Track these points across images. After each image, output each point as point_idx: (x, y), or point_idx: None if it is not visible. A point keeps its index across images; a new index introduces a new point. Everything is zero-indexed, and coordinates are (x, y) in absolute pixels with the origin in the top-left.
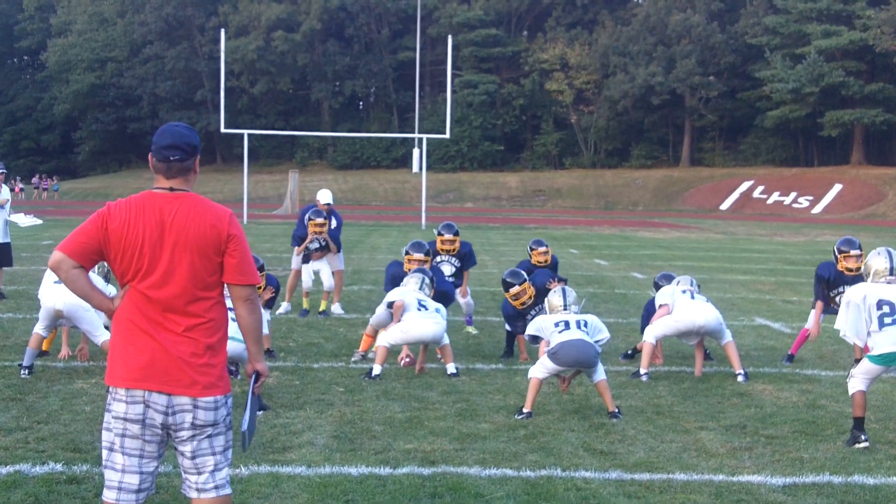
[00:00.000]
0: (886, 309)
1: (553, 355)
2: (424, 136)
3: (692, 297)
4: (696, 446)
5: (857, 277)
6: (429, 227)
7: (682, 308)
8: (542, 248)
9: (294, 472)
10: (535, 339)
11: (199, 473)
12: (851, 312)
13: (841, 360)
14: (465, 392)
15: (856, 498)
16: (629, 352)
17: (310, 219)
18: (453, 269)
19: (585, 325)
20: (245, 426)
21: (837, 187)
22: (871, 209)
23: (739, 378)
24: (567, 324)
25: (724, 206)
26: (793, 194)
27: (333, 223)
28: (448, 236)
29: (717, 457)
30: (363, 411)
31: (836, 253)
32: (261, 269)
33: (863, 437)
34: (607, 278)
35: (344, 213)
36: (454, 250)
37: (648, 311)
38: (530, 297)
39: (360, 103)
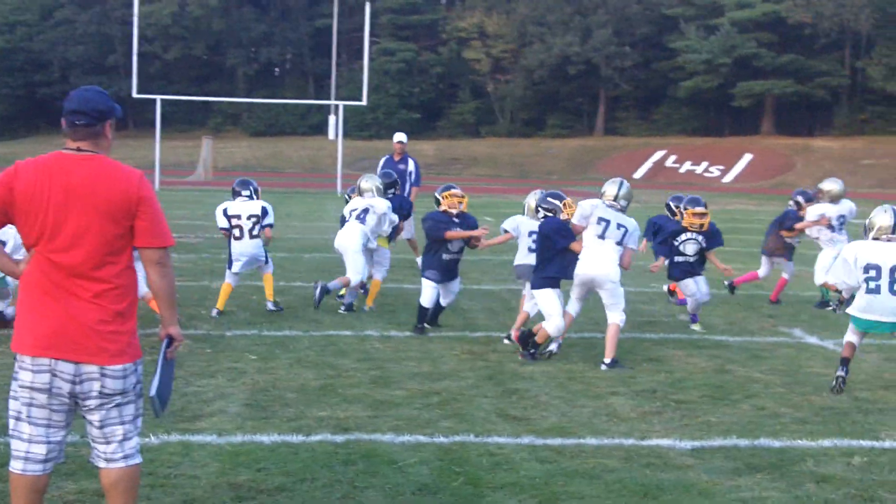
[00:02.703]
0: (873, 273)
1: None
2: (341, 103)
3: (601, 237)
4: (607, 411)
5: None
6: (344, 194)
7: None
8: (700, 209)
9: (205, 440)
10: None
11: (108, 443)
12: (840, 267)
13: (749, 326)
14: (379, 359)
15: (761, 461)
16: None
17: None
18: (696, 248)
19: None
20: (154, 391)
21: (748, 157)
22: (781, 178)
23: (603, 367)
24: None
25: (638, 175)
26: (704, 163)
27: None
28: (699, 209)
29: (628, 421)
30: (276, 379)
31: (682, 209)
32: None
33: (841, 369)
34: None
35: (259, 180)
36: (704, 226)
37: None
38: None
39: (276, 70)
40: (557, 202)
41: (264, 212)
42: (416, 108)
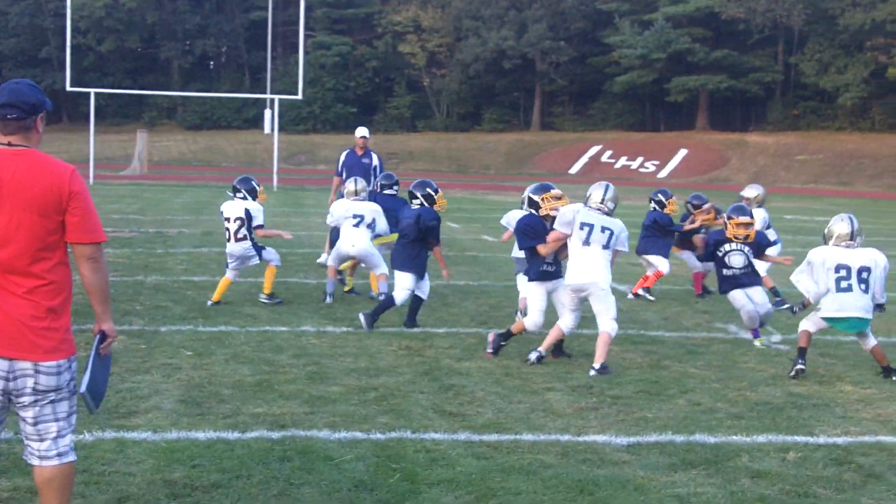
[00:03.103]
0: (843, 273)
1: None
2: (276, 96)
3: (586, 243)
4: (543, 407)
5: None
6: (281, 188)
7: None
8: (745, 219)
9: (140, 437)
10: None
11: (42, 440)
12: (806, 272)
13: (684, 322)
14: (315, 355)
15: (696, 456)
16: None
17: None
18: (744, 261)
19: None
20: (84, 388)
21: (683, 152)
22: (715, 173)
23: (592, 372)
24: None
25: (574, 170)
26: (640, 159)
27: None
28: (744, 219)
29: (564, 417)
30: (212, 375)
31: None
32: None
33: (800, 362)
34: (458, 241)
35: (194, 174)
36: (750, 237)
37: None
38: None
39: (211, 63)
40: (536, 196)
41: (248, 214)
42: (352, 102)
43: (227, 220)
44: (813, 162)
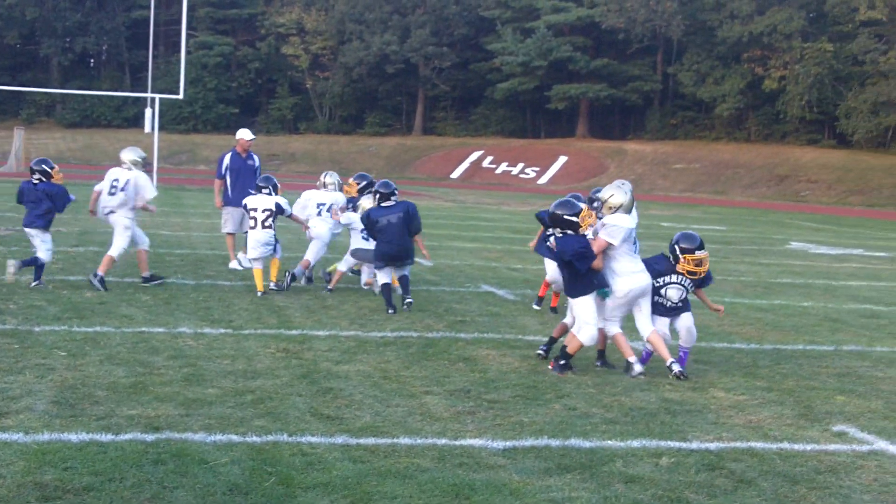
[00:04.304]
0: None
1: None
2: (157, 95)
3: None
4: (421, 410)
5: None
6: (160, 188)
7: None
8: (701, 254)
9: (10, 438)
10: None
11: None
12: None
13: None
14: (192, 357)
15: (572, 461)
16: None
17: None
18: (681, 295)
19: None
20: None
21: (563, 159)
22: (594, 180)
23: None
24: None
25: (455, 174)
26: (520, 165)
27: None
28: (700, 254)
29: (442, 421)
30: (86, 376)
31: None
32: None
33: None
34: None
35: (73, 172)
36: (700, 274)
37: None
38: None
39: (92, 61)
40: (575, 218)
41: (278, 207)
42: (234, 103)
43: (255, 210)
44: (690, 171)
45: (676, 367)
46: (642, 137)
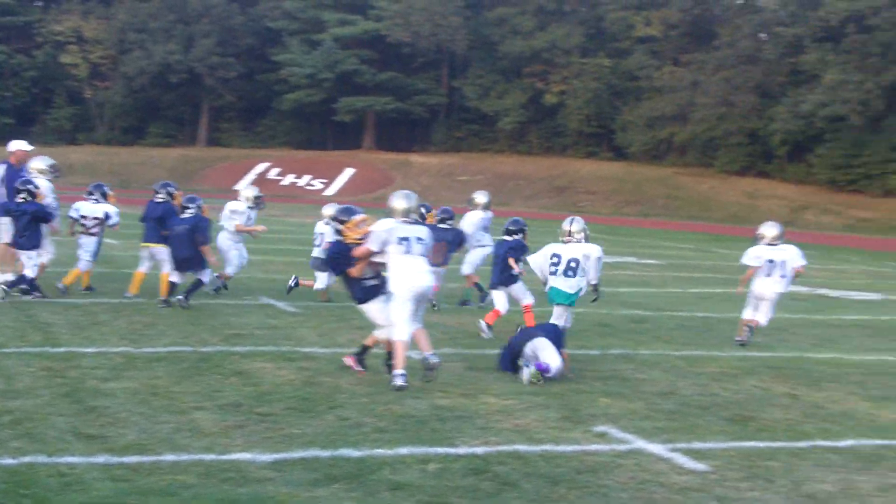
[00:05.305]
0: (555, 260)
1: None
2: None
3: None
4: (189, 426)
5: None
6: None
7: None
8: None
9: None
10: None
11: None
12: (541, 259)
13: (339, 339)
14: None
15: (340, 470)
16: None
17: None
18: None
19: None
20: None
21: (350, 171)
22: (382, 192)
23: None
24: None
25: (240, 186)
26: (307, 176)
27: None
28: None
29: (210, 436)
30: None
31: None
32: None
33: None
34: (117, 257)
35: None
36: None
37: None
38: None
39: None
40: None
41: (106, 215)
42: (9, 113)
43: (85, 217)
44: (474, 182)
45: (399, 381)
46: (428, 150)
